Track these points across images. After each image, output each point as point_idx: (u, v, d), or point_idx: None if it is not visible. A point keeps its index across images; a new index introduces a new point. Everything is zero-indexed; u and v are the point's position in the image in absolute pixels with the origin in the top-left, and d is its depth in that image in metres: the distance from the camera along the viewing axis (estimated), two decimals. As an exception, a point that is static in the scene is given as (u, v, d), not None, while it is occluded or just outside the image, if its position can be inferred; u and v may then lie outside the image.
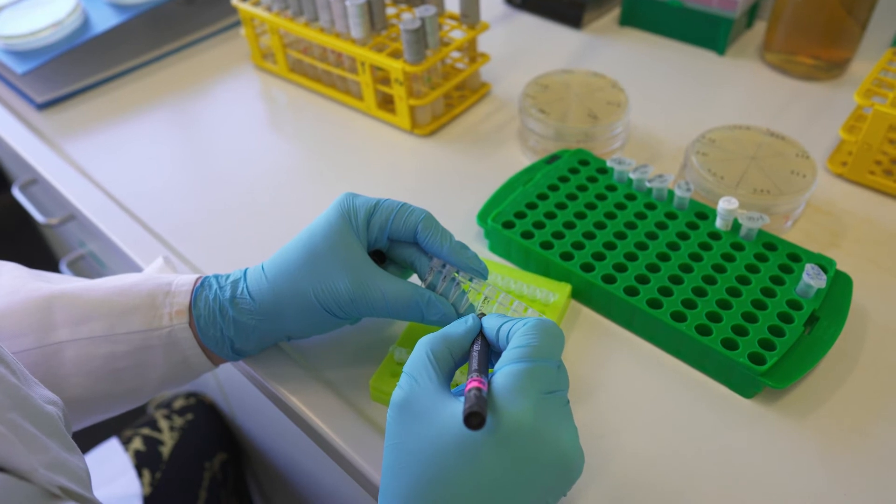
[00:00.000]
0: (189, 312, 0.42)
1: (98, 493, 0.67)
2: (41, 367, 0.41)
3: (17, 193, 0.78)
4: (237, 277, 0.43)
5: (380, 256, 0.45)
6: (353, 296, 0.41)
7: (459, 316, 0.43)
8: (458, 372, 0.41)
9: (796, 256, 0.48)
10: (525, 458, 0.32)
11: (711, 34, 0.74)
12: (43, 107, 0.73)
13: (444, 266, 0.43)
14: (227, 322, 0.42)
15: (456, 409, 0.32)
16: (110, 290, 0.43)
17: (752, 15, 0.77)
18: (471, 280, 0.43)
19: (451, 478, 0.31)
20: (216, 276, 0.44)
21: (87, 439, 0.71)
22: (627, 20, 0.80)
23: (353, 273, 0.41)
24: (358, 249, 0.41)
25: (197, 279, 0.44)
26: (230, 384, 0.72)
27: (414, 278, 0.49)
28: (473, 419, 0.30)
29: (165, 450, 0.74)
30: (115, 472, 0.71)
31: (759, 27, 0.78)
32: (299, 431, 0.49)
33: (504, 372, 0.33)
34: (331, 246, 0.41)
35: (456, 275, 0.42)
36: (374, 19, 0.64)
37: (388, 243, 0.44)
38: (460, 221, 0.56)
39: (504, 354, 0.34)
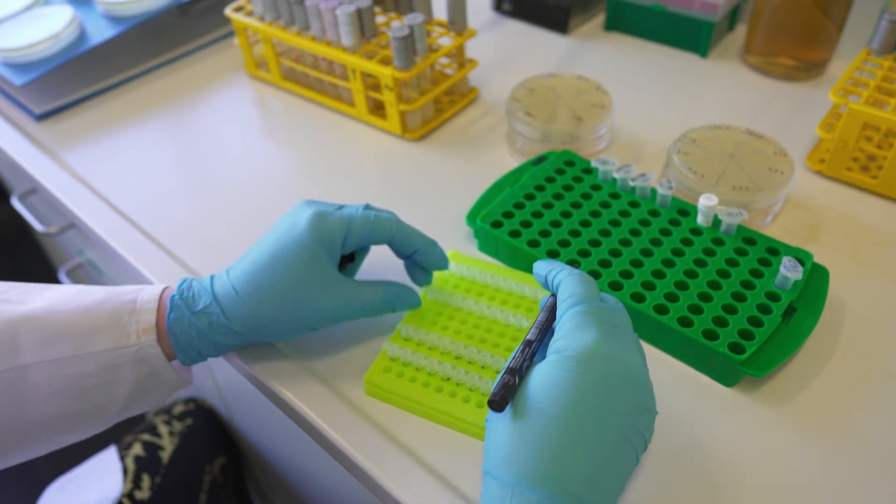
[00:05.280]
0: (156, 329, 0.43)
1: (81, 498, 0.68)
2: (6, 391, 0.40)
3: (16, 203, 0.80)
4: (208, 302, 0.43)
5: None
6: (336, 315, 0.44)
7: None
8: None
9: (775, 250, 0.50)
10: (602, 379, 0.35)
11: (694, 37, 0.76)
12: (41, 118, 0.74)
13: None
14: (206, 344, 0.44)
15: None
16: (75, 310, 0.42)
17: (733, 18, 0.79)
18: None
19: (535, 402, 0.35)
20: (181, 297, 0.44)
21: (87, 447, 0.72)
22: (612, 25, 0.82)
23: (335, 296, 0.44)
24: (334, 273, 0.44)
25: (161, 293, 0.44)
26: (228, 388, 0.73)
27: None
28: (494, 406, 0.34)
29: (165, 454, 0.75)
30: (107, 481, 0.72)
31: (741, 30, 0.80)
32: (298, 432, 0.51)
33: (566, 317, 0.37)
34: (309, 274, 0.43)
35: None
36: (364, 27, 0.66)
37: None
38: (450, 222, 0.58)
39: (560, 303, 0.39)
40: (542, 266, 0.43)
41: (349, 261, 0.49)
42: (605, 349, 0.35)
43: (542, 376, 0.35)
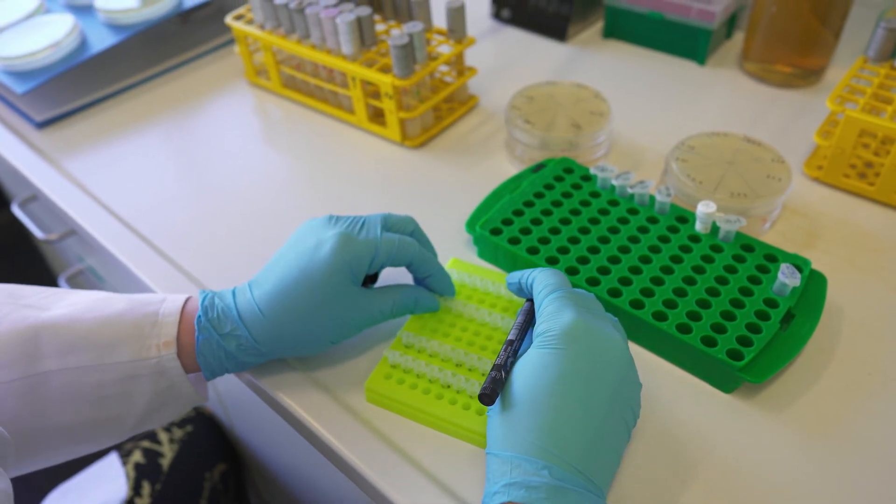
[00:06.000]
0: (176, 343, 0.43)
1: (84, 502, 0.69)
2: (26, 396, 0.41)
3: (16, 210, 0.80)
4: (235, 325, 0.43)
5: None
6: (359, 327, 0.45)
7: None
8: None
9: (773, 257, 0.50)
10: (585, 350, 0.37)
11: (691, 45, 0.77)
12: (42, 125, 0.75)
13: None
14: (233, 364, 0.45)
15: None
16: (97, 320, 0.43)
17: (730, 26, 0.80)
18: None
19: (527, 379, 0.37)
20: (207, 318, 0.43)
21: (87, 454, 0.71)
22: (610, 32, 0.83)
23: (359, 311, 0.45)
24: (357, 290, 0.45)
25: (183, 305, 0.45)
26: (229, 396, 0.73)
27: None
28: (485, 399, 0.37)
29: (165, 462, 0.75)
30: (111, 486, 0.72)
31: (738, 38, 0.81)
32: (298, 439, 0.51)
33: (544, 304, 0.40)
34: (335, 295, 0.43)
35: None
36: (364, 36, 0.66)
37: None
38: (450, 229, 0.58)
39: (537, 296, 0.42)
40: (513, 275, 0.46)
41: (371, 281, 0.49)
42: (584, 325, 0.38)
43: (529, 359, 0.38)
